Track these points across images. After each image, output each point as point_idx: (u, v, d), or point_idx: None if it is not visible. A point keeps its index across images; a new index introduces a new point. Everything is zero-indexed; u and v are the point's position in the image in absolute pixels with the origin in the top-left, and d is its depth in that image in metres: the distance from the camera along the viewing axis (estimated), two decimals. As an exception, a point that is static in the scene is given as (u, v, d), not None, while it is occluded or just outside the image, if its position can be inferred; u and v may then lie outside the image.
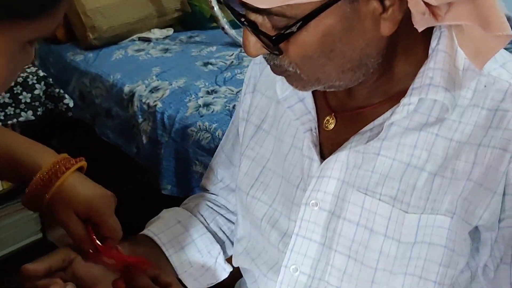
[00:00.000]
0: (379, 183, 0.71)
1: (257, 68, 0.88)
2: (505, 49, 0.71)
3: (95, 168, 0.90)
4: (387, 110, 0.71)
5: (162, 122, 1.71)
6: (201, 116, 1.65)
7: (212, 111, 1.66)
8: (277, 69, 0.69)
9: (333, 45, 0.63)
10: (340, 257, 0.73)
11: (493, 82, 0.67)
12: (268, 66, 0.80)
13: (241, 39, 2.00)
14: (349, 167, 0.73)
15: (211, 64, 1.97)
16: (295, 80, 0.68)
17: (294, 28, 0.60)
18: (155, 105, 1.74)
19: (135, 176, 1.97)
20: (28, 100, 1.78)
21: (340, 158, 0.73)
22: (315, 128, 0.76)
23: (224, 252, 0.93)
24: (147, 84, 1.85)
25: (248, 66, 1.54)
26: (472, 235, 0.70)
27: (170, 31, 2.24)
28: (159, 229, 0.88)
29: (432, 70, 0.66)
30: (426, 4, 0.60)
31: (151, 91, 1.81)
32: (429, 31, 0.67)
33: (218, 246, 0.92)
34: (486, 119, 0.66)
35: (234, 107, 1.66)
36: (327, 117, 0.77)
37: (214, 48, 2.10)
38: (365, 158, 0.72)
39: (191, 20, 2.29)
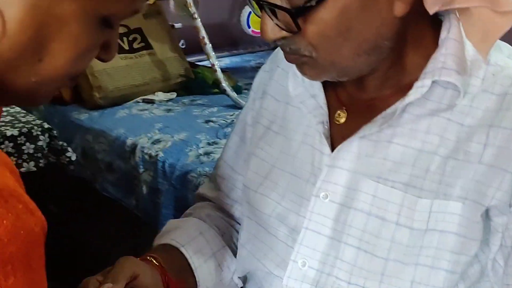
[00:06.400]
0: (392, 170, 0.71)
1: (266, 75, 0.89)
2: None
3: (95, 225, 0.90)
4: (398, 101, 0.71)
5: (163, 170, 1.73)
6: (202, 163, 1.67)
7: (213, 159, 1.68)
8: (292, 56, 0.70)
9: (349, 24, 0.64)
10: (350, 250, 0.72)
11: (501, 70, 0.70)
12: (278, 71, 0.83)
13: (241, 102, 2.09)
14: (360, 156, 0.73)
15: (212, 121, 2.02)
16: (310, 66, 0.70)
17: (313, 2, 0.63)
18: (157, 155, 1.77)
19: (134, 230, 1.96)
20: (31, 151, 1.80)
21: (351, 148, 0.73)
22: (327, 122, 0.77)
23: None
24: (149, 137, 1.88)
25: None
26: (483, 221, 0.69)
27: (173, 95, 2.31)
28: (183, 240, 0.86)
29: (444, 55, 0.69)
30: None
31: (153, 143, 1.84)
32: (436, 23, 0.71)
33: (235, 261, 0.90)
34: (496, 103, 0.68)
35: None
36: (338, 111, 0.78)
37: (215, 109, 2.16)
38: (378, 146, 0.72)
39: (194, 86, 2.37)
